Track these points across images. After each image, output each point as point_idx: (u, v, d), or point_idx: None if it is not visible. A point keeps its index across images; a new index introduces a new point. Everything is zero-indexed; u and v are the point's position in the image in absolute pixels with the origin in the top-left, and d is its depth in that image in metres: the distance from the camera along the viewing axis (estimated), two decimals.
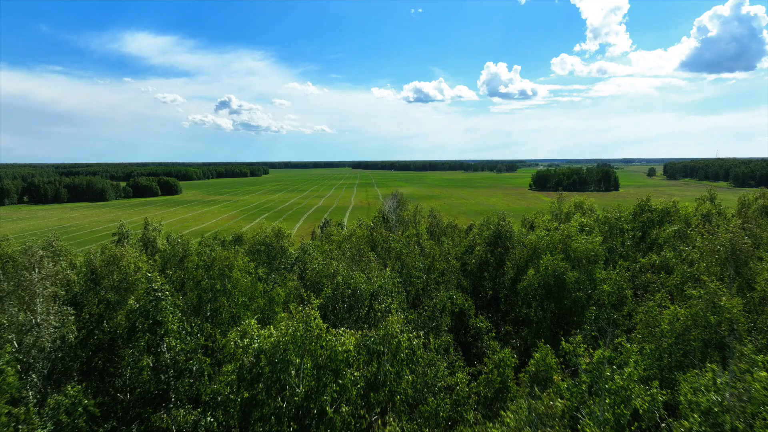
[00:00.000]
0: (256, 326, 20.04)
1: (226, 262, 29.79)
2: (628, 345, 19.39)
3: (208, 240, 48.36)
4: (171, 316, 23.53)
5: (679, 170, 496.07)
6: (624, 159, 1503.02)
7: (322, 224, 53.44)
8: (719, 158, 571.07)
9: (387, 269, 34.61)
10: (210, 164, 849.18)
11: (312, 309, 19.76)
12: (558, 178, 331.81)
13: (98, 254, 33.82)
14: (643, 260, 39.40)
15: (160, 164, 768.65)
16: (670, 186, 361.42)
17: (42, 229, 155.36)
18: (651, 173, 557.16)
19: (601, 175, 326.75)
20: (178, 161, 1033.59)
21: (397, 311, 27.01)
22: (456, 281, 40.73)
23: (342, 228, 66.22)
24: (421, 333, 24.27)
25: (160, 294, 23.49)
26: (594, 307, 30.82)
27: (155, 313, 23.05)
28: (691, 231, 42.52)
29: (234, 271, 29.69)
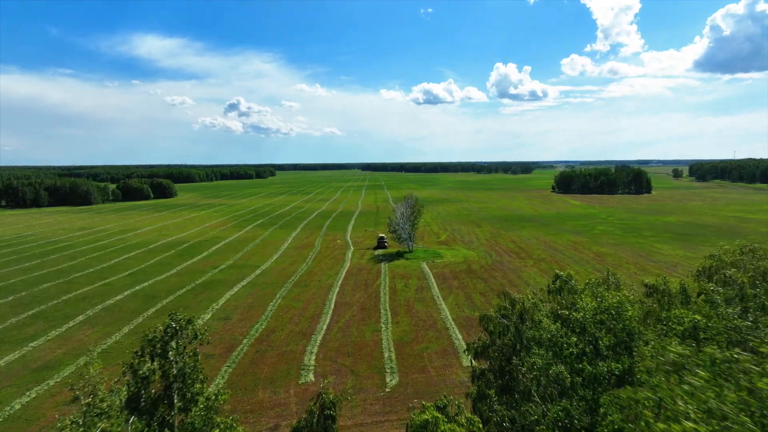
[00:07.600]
0: None
1: None
2: None
3: None
4: None
5: (708, 171, 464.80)
6: (640, 160, 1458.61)
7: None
8: (752, 158, 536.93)
9: None
10: (218, 166, 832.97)
11: None
12: (584, 179, 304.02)
13: None
14: None
15: (169, 166, 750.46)
16: (705, 188, 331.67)
17: None
18: (677, 174, 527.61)
19: (632, 177, 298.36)
20: (187, 163, 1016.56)
21: None
22: None
23: None
24: None
25: None
26: None
27: None
28: None
29: None
